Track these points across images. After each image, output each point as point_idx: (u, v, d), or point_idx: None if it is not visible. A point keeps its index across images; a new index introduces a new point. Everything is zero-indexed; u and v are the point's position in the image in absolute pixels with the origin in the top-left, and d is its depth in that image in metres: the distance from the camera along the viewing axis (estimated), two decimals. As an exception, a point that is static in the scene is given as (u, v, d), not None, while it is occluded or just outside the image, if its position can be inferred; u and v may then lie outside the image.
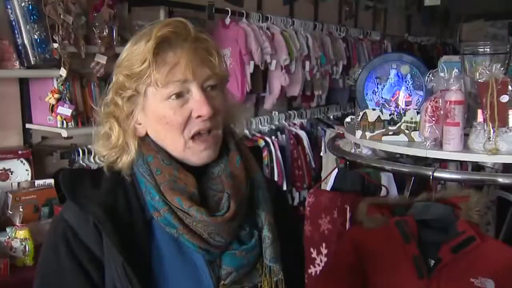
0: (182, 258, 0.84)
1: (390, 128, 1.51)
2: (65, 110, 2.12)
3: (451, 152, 1.37)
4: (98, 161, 2.15)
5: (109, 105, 0.88)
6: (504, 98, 1.28)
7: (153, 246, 0.84)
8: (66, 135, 2.14)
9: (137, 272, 0.79)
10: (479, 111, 1.34)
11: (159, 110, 0.84)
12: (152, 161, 0.85)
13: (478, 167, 2.02)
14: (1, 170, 2.10)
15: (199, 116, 0.83)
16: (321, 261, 1.76)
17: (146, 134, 0.88)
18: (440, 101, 1.37)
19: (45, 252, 0.87)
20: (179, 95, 0.83)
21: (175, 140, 0.85)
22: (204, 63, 0.84)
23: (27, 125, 2.27)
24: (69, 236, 0.83)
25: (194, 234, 0.81)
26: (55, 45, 2.08)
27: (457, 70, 1.37)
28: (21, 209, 1.91)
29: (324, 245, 1.76)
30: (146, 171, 0.85)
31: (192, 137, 0.84)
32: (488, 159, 1.34)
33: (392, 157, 1.80)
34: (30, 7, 2.02)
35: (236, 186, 0.85)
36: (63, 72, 2.11)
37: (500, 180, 1.43)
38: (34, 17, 2.03)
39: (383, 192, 1.89)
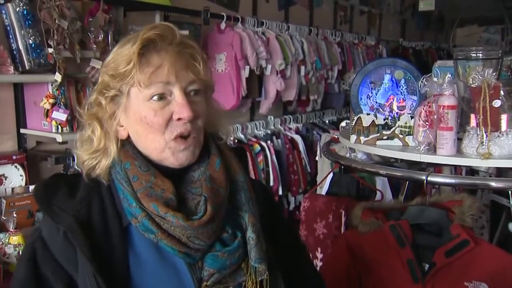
0: (163, 262, 0.84)
1: (384, 132, 1.52)
2: (60, 115, 2.12)
3: (444, 156, 1.37)
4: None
5: (93, 106, 0.88)
6: (497, 103, 1.29)
7: (131, 252, 0.84)
8: (61, 140, 2.13)
9: (110, 282, 0.79)
10: (472, 116, 1.35)
11: (140, 111, 0.84)
12: (129, 167, 0.85)
13: (472, 171, 2.04)
14: (-5, 175, 2.10)
15: (179, 119, 0.84)
16: (316, 265, 1.76)
17: (127, 138, 0.88)
18: (434, 106, 1.38)
19: (19, 261, 0.88)
20: (161, 97, 0.84)
21: (155, 141, 0.85)
22: (188, 67, 0.85)
23: (22, 130, 2.25)
24: (37, 247, 0.83)
25: (173, 239, 0.81)
26: (50, 50, 2.07)
27: (450, 75, 1.38)
28: (15, 215, 1.90)
29: (319, 249, 1.76)
30: (124, 178, 0.85)
31: (173, 140, 0.85)
32: (481, 164, 1.35)
33: (386, 161, 1.81)
34: (25, 12, 2.02)
35: (214, 189, 0.85)
36: (58, 77, 2.10)
37: (493, 184, 1.44)
38: (29, 22, 2.03)
39: (378, 196, 1.90)
